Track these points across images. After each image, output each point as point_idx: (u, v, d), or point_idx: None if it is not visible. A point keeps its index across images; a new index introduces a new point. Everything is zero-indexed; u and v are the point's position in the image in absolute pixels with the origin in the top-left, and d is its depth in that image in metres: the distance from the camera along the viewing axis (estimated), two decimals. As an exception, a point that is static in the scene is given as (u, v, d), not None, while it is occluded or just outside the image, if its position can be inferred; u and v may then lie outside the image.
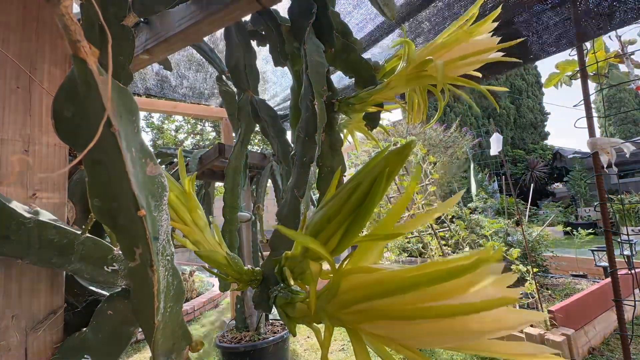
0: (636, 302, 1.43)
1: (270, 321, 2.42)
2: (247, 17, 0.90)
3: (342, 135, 0.85)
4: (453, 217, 4.05)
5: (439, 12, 1.33)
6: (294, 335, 0.34)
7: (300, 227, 0.35)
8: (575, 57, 1.64)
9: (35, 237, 0.40)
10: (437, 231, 3.78)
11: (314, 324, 0.32)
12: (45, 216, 0.42)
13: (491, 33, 0.58)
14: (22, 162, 0.46)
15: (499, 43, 0.57)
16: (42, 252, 0.40)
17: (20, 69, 0.53)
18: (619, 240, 3.13)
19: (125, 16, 0.58)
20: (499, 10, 0.57)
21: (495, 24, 0.57)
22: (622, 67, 2.04)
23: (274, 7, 0.81)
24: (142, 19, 0.86)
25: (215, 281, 5.30)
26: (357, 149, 0.99)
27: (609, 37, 1.66)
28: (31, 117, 0.53)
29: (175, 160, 2.09)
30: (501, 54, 0.58)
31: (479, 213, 5.01)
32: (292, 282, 0.35)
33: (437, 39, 0.62)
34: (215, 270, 0.48)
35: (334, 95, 0.72)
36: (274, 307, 0.38)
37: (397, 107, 0.84)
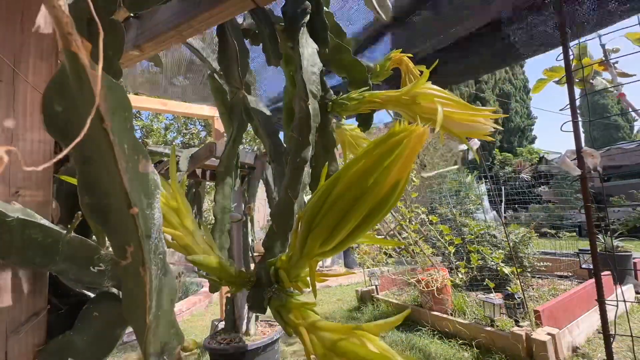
0: (618, 303, 1.48)
1: (261, 322, 2.40)
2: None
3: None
4: (440, 220, 4.10)
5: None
6: (290, 335, 0.33)
7: (294, 228, 0.35)
8: (562, 64, 1.69)
9: (18, 236, 0.38)
10: (420, 244, 3.82)
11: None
12: (29, 214, 0.40)
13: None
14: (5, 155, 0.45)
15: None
16: (24, 251, 0.39)
17: (3, 62, 0.51)
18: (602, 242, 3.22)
19: (115, 10, 0.56)
20: (501, 116, 0.60)
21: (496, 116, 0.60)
22: (606, 75, 2.11)
23: (269, 6, 0.80)
24: (132, 14, 0.84)
25: (204, 281, 5.23)
26: (345, 160, 0.98)
27: (597, 38, 1.71)
28: (15, 112, 0.51)
29: (164, 159, 2.05)
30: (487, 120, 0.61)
31: (470, 214, 5.09)
32: (287, 285, 0.34)
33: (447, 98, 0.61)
34: (206, 274, 0.46)
35: (328, 96, 0.72)
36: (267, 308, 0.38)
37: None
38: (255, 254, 2.40)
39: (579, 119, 1.49)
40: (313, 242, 0.29)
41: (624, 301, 1.57)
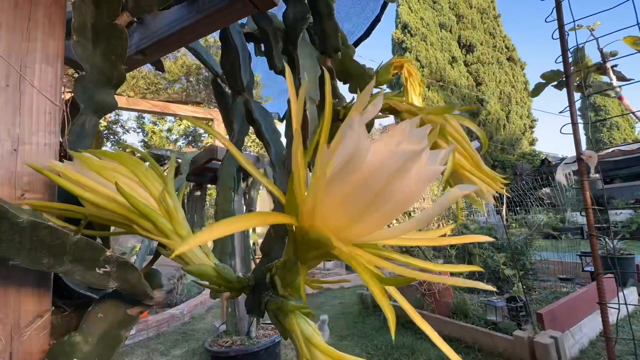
0: (620, 305, 1.47)
1: (262, 325, 2.40)
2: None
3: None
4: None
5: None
6: (286, 339, 0.34)
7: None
8: (560, 66, 1.69)
9: (28, 237, 0.39)
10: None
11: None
12: (37, 216, 0.41)
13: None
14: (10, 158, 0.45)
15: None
16: (33, 253, 0.39)
17: (10, 67, 0.52)
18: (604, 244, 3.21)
19: (118, 15, 0.57)
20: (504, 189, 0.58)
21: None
22: (605, 78, 2.11)
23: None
24: (136, 19, 0.85)
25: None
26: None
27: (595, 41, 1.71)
28: (21, 116, 0.52)
29: (166, 162, 2.07)
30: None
31: (472, 214, 5.09)
32: (281, 292, 0.35)
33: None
34: (205, 282, 0.45)
35: (339, 102, 0.73)
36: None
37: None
38: (257, 257, 2.40)
39: (579, 121, 1.49)
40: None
41: (626, 304, 1.56)
